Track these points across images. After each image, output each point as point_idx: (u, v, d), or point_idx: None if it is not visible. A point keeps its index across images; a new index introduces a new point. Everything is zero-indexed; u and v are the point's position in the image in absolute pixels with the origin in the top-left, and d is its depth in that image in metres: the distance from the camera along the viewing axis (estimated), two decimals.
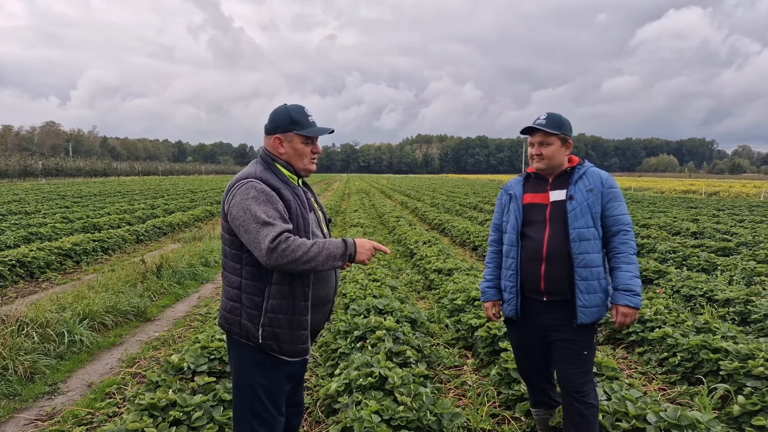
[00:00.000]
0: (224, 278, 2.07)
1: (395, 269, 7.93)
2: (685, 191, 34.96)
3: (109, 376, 4.08)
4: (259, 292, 1.97)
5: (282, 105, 2.09)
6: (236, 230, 1.93)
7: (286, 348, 1.99)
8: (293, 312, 1.98)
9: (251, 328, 1.98)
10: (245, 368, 2.04)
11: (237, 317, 2.01)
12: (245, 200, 1.90)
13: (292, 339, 2.00)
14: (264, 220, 1.84)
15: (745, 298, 5.24)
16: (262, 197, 1.89)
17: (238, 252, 1.99)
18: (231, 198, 1.95)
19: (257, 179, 1.96)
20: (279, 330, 1.97)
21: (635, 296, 2.43)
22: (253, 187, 1.92)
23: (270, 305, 1.96)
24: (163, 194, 24.13)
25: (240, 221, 1.89)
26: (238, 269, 2.00)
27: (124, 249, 9.91)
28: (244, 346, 2.01)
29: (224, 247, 2.05)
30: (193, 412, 2.85)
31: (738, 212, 17.29)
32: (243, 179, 1.97)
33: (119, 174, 62.35)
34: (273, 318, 1.96)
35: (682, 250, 8.53)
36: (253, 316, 1.98)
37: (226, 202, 1.99)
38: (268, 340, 1.97)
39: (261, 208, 1.87)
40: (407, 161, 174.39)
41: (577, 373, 2.51)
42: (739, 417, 3.15)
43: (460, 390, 3.76)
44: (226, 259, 2.05)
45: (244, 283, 1.99)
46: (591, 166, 2.61)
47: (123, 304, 5.48)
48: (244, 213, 1.88)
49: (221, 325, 2.10)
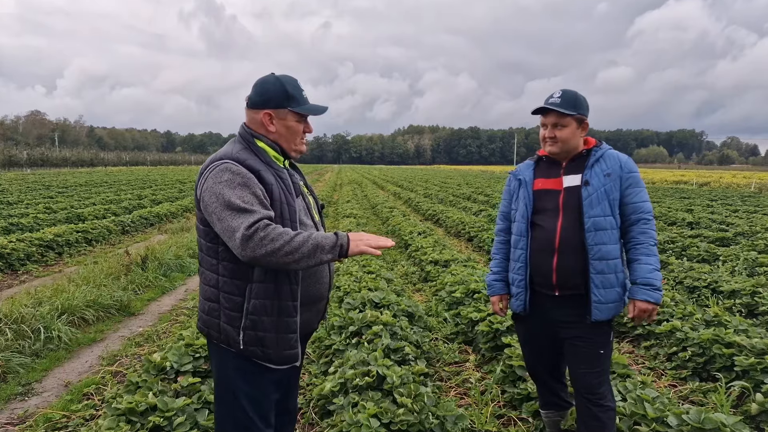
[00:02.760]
0: (201, 275, 1.83)
1: (390, 261, 7.71)
2: (677, 182, 35.06)
3: (87, 375, 3.82)
4: (239, 291, 1.72)
5: (271, 75, 1.81)
6: (209, 219, 1.68)
7: (273, 354, 1.75)
8: (279, 313, 1.73)
9: (231, 332, 1.73)
10: (227, 375, 1.80)
11: (215, 320, 1.76)
12: (217, 184, 1.64)
13: (279, 344, 1.75)
14: (239, 206, 1.59)
15: (752, 289, 5.08)
16: (237, 180, 1.64)
17: (214, 245, 1.74)
18: (203, 182, 1.70)
19: (233, 160, 1.70)
20: (263, 334, 1.72)
21: (655, 291, 2.21)
22: (227, 169, 1.66)
23: (252, 306, 1.71)
24: (150, 184, 23.67)
25: (212, 208, 1.64)
26: (214, 265, 1.74)
27: (108, 240, 9.59)
28: (225, 351, 1.77)
29: (199, 240, 1.80)
30: (175, 417, 2.62)
31: (731, 202, 17.29)
32: (216, 160, 1.71)
33: (106, 164, 61.36)
34: (256, 320, 1.71)
35: (680, 240, 8.40)
36: (233, 318, 1.72)
37: (198, 187, 1.74)
38: (250, 345, 1.72)
39: (236, 192, 1.62)
40: (399, 152, 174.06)
41: (591, 373, 2.31)
42: (757, 416, 2.98)
43: (461, 388, 3.56)
44: (201, 254, 1.80)
45: (222, 280, 1.73)
46: (609, 149, 2.38)
47: (105, 298, 5.21)
48: (216, 199, 1.63)
49: (199, 329, 1.85)
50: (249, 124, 1.83)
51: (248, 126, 1.83)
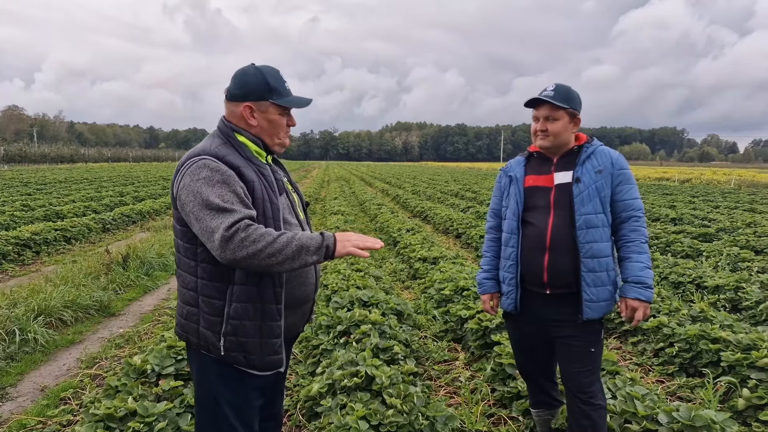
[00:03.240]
0: (179, 278, 1.73)
1: (378, 258, 7.65)
2: (659, 178, 35.53)
3: (65, 379, 3.70)
4: (219, 294, 1.63)
5: (251, 65, 1.72)
6: (186, 219, 1.58)
7: (255, 360, 1.66)
8: (262, 317, 1.65)
9: (211, 337, 1.64)
10: (208, 382, 1.71)
11: (194, 324, 1.67)
12: (195, 182, 1.55)
13: (263, 349, 1.66)
14: (218, 205, 1.51)
15: (735, 284, 5.13)
16: (216, 178, 1.55)
17: (192, 246, 1.64)
18: (179, 180, 1.60)
19: (211, 156, 1.60)
20: (245, 339, 1.63)
21: (647, 289, 2.19)
22: (205, 166, 1.57)
23: (233, 310, 1.62)
24: (133, 181, 23.25)
25: (189, 208, 1.54)
26: (192, 267, 1.65)
27: (88, 238, 9.37)
28: (205, 356, 1.68)
29: (176, 240, 1.70)
30: (156, 422, 2.53)
31: (712, 199, 17.54)
32: (194, 156, 1.62)
33: (87, 160, 60.17)
34: (237, 325, 1.62)
35: (664, 236, 8.48)
36: (212, 323, 1.64)
37: (174, 185, 1.64)
38: (232, 351, 1.64)
39: (215, 190, 1.53)
40: (387, 149, 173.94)
41: (582, 372, 2.28)
42: (744, 411, 2.99)
43: (451, 387, 3.52)
44: (179, 255, 1.71)
45: (201, 283, 1.64)
46: (600, 145, 2.35)
47: (84, 298, 5.06)
48: (194, 197, 1.53)
49: (178, 334, 1.76)
50: (229, 117, 1.74)
51: (228, 120, 1.74)
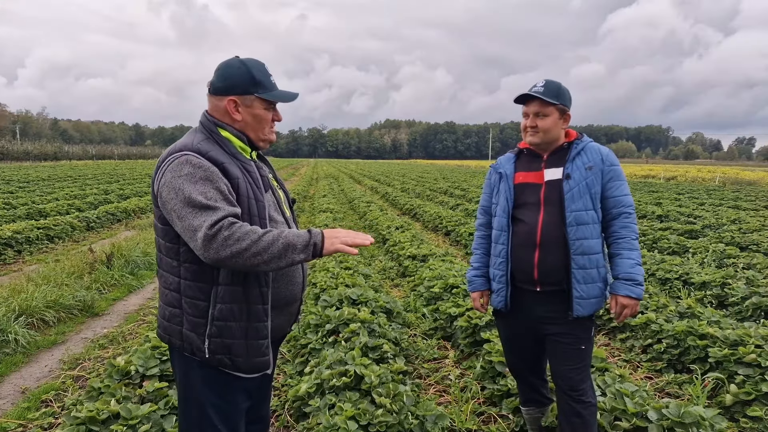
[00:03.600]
0: (160, 278, 1.67)
1: (367, 256, 7.61)
2: (645, 176, 35.93)
3: (47, 381, 3.61)
4: (203, 295, 1.57)
5: (234, 58, 1.66)
6: (168, 217, 1.53)
7: (242, 362, 1.61)
8: (248, 318, 1.60)
9: (195, 339, 1.58)
10: (192, 385, 1.66)
11: (177, 326, 1.61)
12: (177, 178, 1.49)
13: (249, 351, 1.61)
14: (201, 203, 1.45)
15: (722, 281, 5.18)
16: (199, 174, 1.49)
17: (174, 245, 1.59)
18: (160, 176, 1.54)
19: (194, 152, 1.54)
20: (231, 341, 1.58)
21: (637, 286, 2.18)
22: (187, 162, 1.51)
23: (218, 311, 1.56)
24: (118, 179, 22.93)
25: (171, 205, 1.48)
26: (175, 267, 1.59)
27: (72, 237, 9.19)
28: (189, 359, 1.63)
29: (157, 239, 1.64)
30: (140, 424, 2.47)
31: (697, 196, 17.78)
32: (176, 152, 1.56)
33: (71, 158, 59.25)
34: (222, 326, 1.57)
35: (651, 233, 8.55)
36: (197, 324, 1.58)
37: (155, 182, 1.58)
38: (217, 354, 1.58)
39: (197, 188, 1.47)
40: (376, 146, 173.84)
41: (573, 369, 2.26)
42: (731, 407, 3.01)
43: (441, 385, 3.49)
44: (160, 254, 1.65)
45: (184, 284, 1.58)
46: (590, 141, 2.33)
47: (67, 298, 4.95)
48: (175, 195, 1.48)
49: (160, 336, 1.70)
50: (211, 111, 1.68)
51: (211, 114, 1.68)
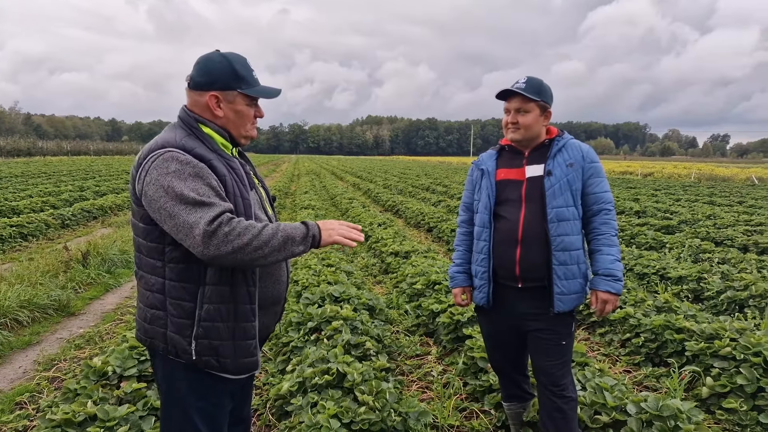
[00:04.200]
0: (140, 279, 1.62)
1: (350, 253, 7.59)
2: (623, 172, 36.57)
3: (21, 382, 3.52)
4: (189, 295, 1.53)
5: (215, 52, 1.62)
6: (156, 217, 1.47)
7: (229, 364, 1.58)
8: (236, 318, 1.57)
9: (180, 342, 1.54)
10: (175, 389, 1.61)
11: (161, 329, 1.56)
12: (165, 176, 1.44)
13: (237, 352, 1.58)
14: (195, 199, 1.41)
15: (698, 275, 5.30)
16: (187, 171, 1.45)
17: (158, 244, 1.54)
18: (143, 175, 1.49)
19: (178, 148, 1.49)
20: (219, 342, 1.54)
21: (617, 281, 2.21)
22: (173, 158, 1.46)
23: (205, 312, 1.52)
24: (94, 175, 22.41)
25: (160, 204, 1.44)
26: (159, 268, 1.54)
27: (47, 235, 8.96)
28: (173, 362, 1.59)
29: (137, 240, 1.58)
30: (118, 426, 2.42)
31: (674, 192, 18.16)
32: (158, 149, 1.50)
33: (45, 153, 57.62)
34: (209, 327, 1.53)
35: (629, 229, 8.70)
36: (182, 326, 1.53)
37: (137, 180, 1.51)
38: (204, 355, 1.54)
39: (188, 184, 1.43)
40: (358, 142, 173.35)
41: (555, 365, 2.29)
42: (707, 399, 3.08)
43: (423, 382, 3.50)
44: (141, 255, 1.59)
45: (169, 285, 1.53)
46: (571, 138, 2.35)
47: (41, 298, 4.83)
48: (165, 193, 1.43)
49: (140, 339, 1.64)
50: (192, 107, 1.63)
51: (191, 109, 1.63)
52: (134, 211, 1.58)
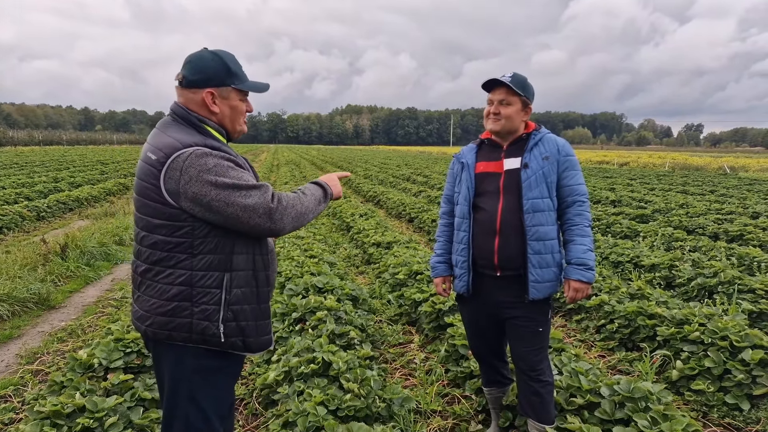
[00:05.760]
0: (156, 275, 1.61)
1: (332, 244, 7.64)
2: (600, 162, 37.20)
3: (4, 376, 3.50)
4: (218, 283, 1.62)
5: (205, 50, 1.65)
6: (204, 210, 1.53)
7: (252, 342, 1.72)
8: (258, 300, 1.73)
9: (209, 327, 1.61)
10: (184, 378, 1.65)
11: (185, 319, 1.60)
12: (205, 172, 1.51)
13: (258, 331, 1.74)
14: (246, 184, 1.56)
15: (669, 263, 5.50)
16: (225, 164, 1.56)
17: (187, 239, 1.57)
18: (178, 175, 1.51)
19: (204, 146, 1.56)
20: (245, 323, 1.68)
21: (588, 270, 2.31)
22: (207, 154, 1.54)
23: (234, 296, 1.65)
24: (68, 166, 21.89)
25: (211, 197, 1.51)
26: (186, 261, 1.58)
27: (22, 227, 8.78)
28: (182, 352, 1.63)
29: (158, 239, 1.58)
30: (107, 417, 2.45)
31: (648, 181, 18.60)
32: (184, 148, 1.53)
33: (16, 143, 55.89)
34: (238, 310, 1.66)
35: (605, 218, 8.92)
36: (210, 312, 1.61)
37: (167, 180, 1.52)
38: (231, 336, 1.66)
39: (232, 173, 1.55)
40: (337, 132, 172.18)
41: (532, 351, 2.39)
42: (677, 381, 3.24)
43: (407, 369, 3.60)
44: (160, 253, 1.58)
45: (198, 275, 1.59)
46: (547, 133, 2.44)
47: (21, 291, 4.77)
48: (214, 186, 1.51)
49: (153, 333, 1.64)
50: (190, 105, 1.65)
51: (190, 109, 1.65)
52: (155, 211, 1.56)
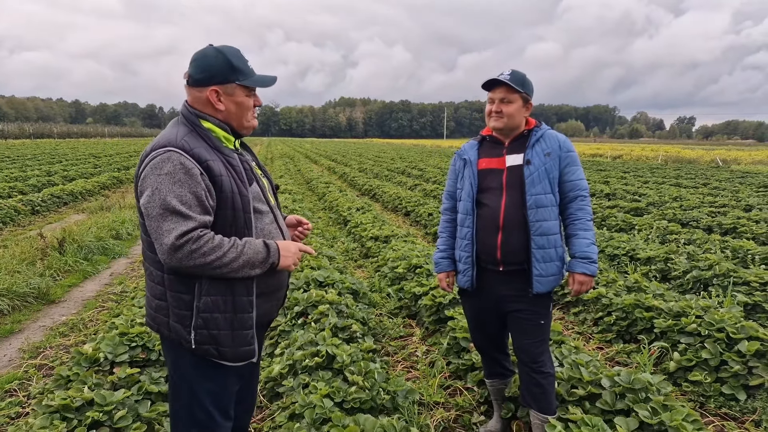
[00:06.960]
0: (146, 271, 1.69)
1: (329, 238, 7.65)
2: (593, 155, 37.36)
3: (8, 370, 3.51)
4: (187, 288, 1.59)
5: (209, 47, 1.66)
6: (142, 211, 1.55)
7: (227, 352, 1.64)
8: (234, 309, 1.63)
9: (181, 330, 1.61)
10: (183, 370, 1.70)
11: (165, 318, 1.64)
12: (157, 177, 1.51)
13: (234, 341, 1.65)
14: (174, 208, 1.48)
15: (665, 256, 5.57)
16: (179, 175, 1.50)
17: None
18: (141, 172, 1.56)
19: (178, 148, 1.54)
20: (217, 332, 1.61)
21: (592, 264, 2.36)
22: (169, 160, 1.51)
23: (203, 304, 1.59)
24: (61, 159, 21.70)
25: (145, 201, 1.51)
26: (158, 262, 1.60)
27: (17, 222, 8.74)
28: (179, 346, 1.66)
29: (142, 236, 1.66)
30: (116, 410, 2.47)
31: (642, 174, 18.72)
32: (160, 147, 1.55)
33: (6, 136, 55.30)
34: (208, 318, 1.60)
35: (600, 211, 8.99)
36: (182, 317, 1.61)
37: (139, 177, 1.58)
38: (203, 344, 1.61)
39: (175, 190, 1.50)
40: (331, 125, 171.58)
41: (534, 343, 2.43)
42: (674, 372, 3.31)
43: (408, 362, 3.64)
44: (144, 248, 1.67)
45: (168, 278, 1.60)
46: (548, 129, 2.47)
47: (20, 286, 4.77)
48: (152, 193, 1.51)
49: (149, 325, 1.73)
50: (194, 103, 1.67)
51: (193, 106, 1.67)
52: (138, 207, 1.62)
